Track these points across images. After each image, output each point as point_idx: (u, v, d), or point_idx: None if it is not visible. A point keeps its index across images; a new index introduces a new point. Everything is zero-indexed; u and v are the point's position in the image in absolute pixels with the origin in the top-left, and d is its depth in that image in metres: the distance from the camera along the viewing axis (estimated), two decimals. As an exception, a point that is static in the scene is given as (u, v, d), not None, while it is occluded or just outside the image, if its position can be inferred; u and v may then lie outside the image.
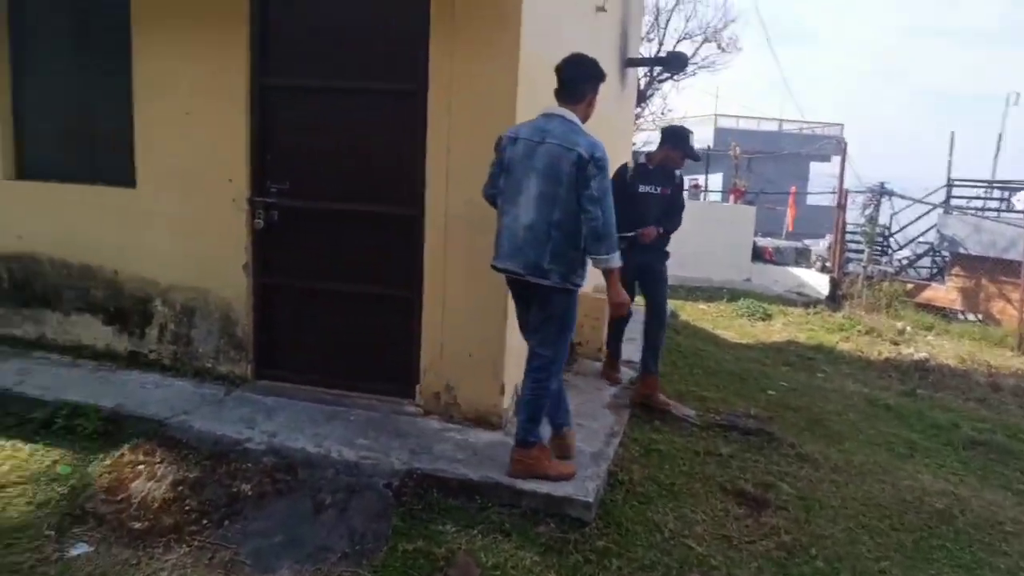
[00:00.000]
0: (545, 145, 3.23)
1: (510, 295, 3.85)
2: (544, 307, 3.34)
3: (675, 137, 4.93)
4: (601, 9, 5.47)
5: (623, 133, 8.12)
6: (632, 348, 5.60)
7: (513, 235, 3.29)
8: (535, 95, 3.97)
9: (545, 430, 3.52)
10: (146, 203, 4.47)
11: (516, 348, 4.10)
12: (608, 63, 6.49)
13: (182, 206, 4.40)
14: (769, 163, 23.82)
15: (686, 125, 5.90)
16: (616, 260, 3.26)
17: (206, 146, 4.31)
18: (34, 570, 2.71)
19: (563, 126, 3.28)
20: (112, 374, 4.37)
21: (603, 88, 3.62)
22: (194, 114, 4.33)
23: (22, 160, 4.85)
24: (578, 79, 3.39)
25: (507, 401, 4.03)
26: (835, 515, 3.66)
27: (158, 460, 3.44)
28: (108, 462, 3.44)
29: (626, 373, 5.28)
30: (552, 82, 3.50)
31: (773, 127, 34.23)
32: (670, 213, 4.96)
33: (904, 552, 3.44)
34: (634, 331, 5.58)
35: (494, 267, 3.43)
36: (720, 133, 30.37)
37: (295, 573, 2.82)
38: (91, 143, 4.72)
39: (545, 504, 3.29)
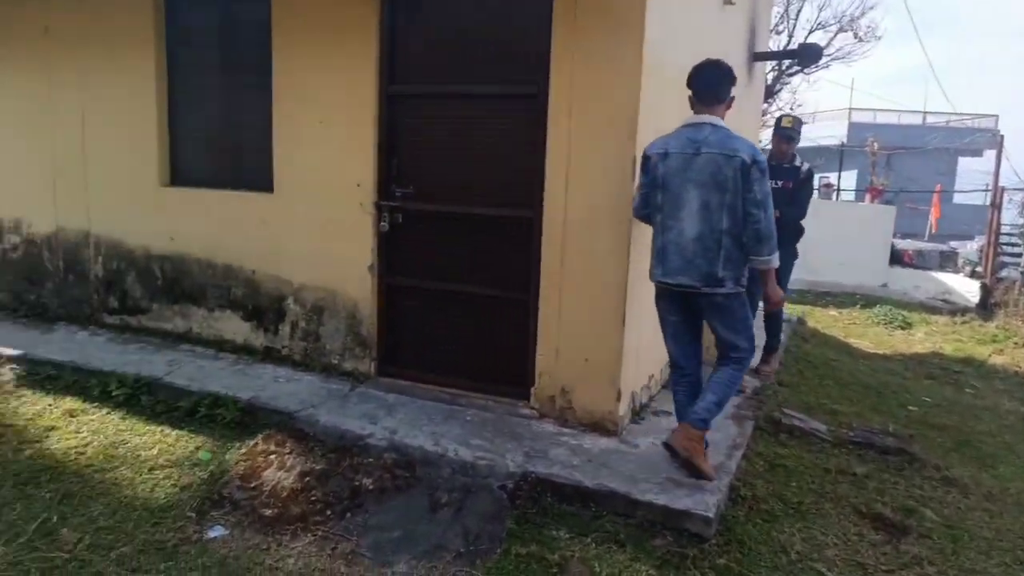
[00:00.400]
0: (703, 156, 3.24)
1: (626, 301, 3.79)
2: (723, 315, 3.41)
3: (774, 126, 5.37)
4: (728, 2, 5.26)
5: (749, 130, 7.76)
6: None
7: (681, 249, 3.31)
8: (658, 94, 3.87)
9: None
10: (282, 207, 4.74)
11: (633, 354, 4.02)
12: (735, 58, 6.25)
13: (314, 210, 4.62)
14: (910, 159, 22.18)
15: (816, 120, 5.85)
16: (776, 260, 3.35)
17: (337, 153, 4.51)
18: (177, 549, 2.92)
19: (716, 133, 3.27)
20: (249, 367, 4.66)
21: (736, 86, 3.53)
22: (326, 123, 4.54)
23: (175, 168, 5.27)
24: (715, 84, 3.39)
25: (623, 408, 3.94)
26: (988, 548, 3.32)
27: (287, 451, 3.62)
28: (243, 450, 3.66)
29: (750, 383, 5.05)
30: (677, 80, 3.40)
31: (916, 120, 31.79)
32: (792, 204, 5.11)
33: (1071, 595, 3.07)
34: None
35: (662, 283, 3.43)
36: (855, 128, 28.58)
37: (411, 569, 2.88)
38: (235, 151, 5.05)
39: (663, 516, 3.19)
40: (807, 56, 8.22)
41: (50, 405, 4.14)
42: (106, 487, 3.35)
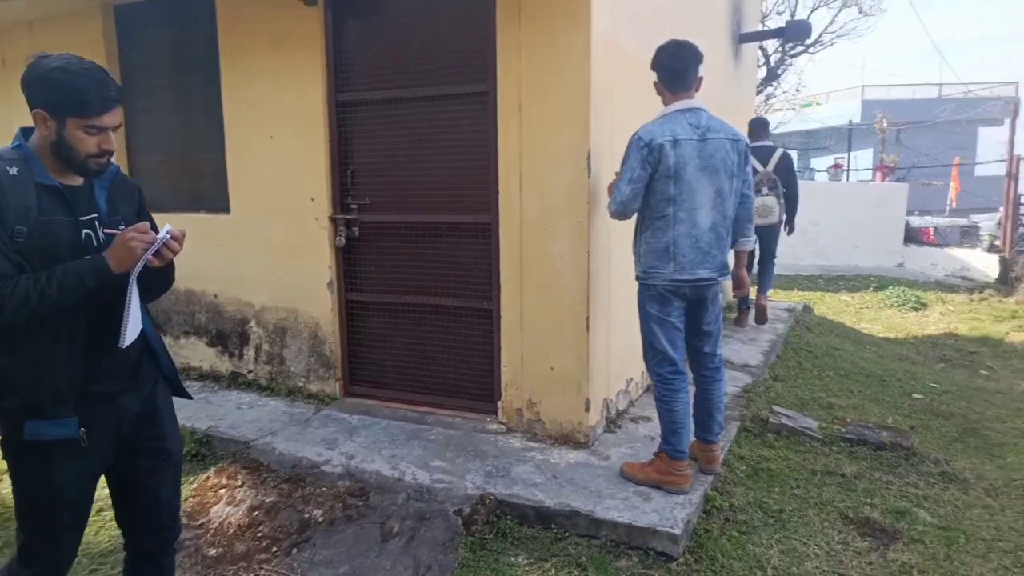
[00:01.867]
0: (711, 142, 3.10)
1: (589, 303, 3.58)
2: (716, 304, 3.29)
3: None
4: (694, -17, 5.03)
5: (740, 116, 7.50)
6: (745, 351, 5.12)
7: (695, 242, 3.11)
8: (610, 85, 3.66)
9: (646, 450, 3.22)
10: (238, 228, 4.60)
11: (603, 359, 3.81)
12: (716, 40, 6.01)
13: (269, 228, 4.48)
14: (923, 133, 21.53)
15: (830, 100, 5.64)
16: (753, 241, 3.53)
17: (288, 167, 4.36)
18: (108, 598, 2.77)
19: (712, 118, 3.17)
20: (214, 394, 4.52)
21: (714, 68, 3.39)
22: (277, 137, 4.39)
23: (137, 194, 5.15)
24: (693, 64, 3.19)
25: (594, 418, 3.73)
26: (986, 550, 3.05)
27: (239, 483, 3.47)
28: (195, 485, 3.51)
29: (739, 378, 4.81)
30: (631, 69, 3.19)
31: (932, 93, 30.93)
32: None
33: (1079, 599, 2.80)
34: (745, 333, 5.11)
35: (676, 281, 3.12)
36: (868, 105, 27.83)
37: (354, 608, 2.70)
38: (192, 174, 4.93)
39: (627, 535, 2.97)
40: (794, 33, 7.92)
41: (7, 446, 4.02)
42: (48, 532, 3.21)
